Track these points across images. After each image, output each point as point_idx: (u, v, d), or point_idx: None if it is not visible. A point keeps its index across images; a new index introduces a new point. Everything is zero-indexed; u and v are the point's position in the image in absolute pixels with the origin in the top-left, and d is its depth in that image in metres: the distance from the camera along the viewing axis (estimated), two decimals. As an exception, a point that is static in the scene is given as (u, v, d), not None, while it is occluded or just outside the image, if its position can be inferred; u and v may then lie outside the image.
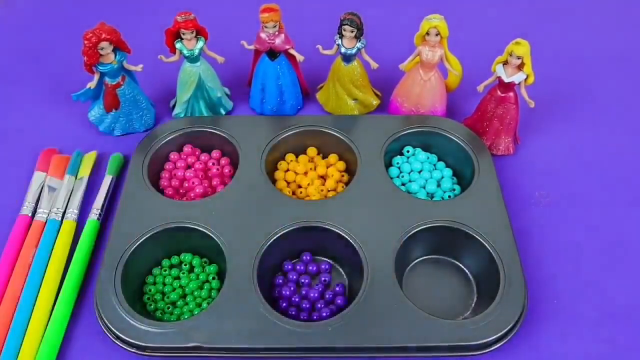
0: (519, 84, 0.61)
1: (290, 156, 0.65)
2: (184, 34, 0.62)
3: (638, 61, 0.79)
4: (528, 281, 0.54)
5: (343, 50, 0.63)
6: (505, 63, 0.60)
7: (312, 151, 0.66)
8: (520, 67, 0.60)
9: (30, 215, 0.60)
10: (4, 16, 0.87)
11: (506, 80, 0.60)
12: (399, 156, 0.65)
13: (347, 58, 0.65)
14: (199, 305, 0.54)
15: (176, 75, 0.66)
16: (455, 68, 0.64)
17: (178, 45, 0.63)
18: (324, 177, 0.64)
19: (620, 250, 0.58)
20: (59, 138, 0.68)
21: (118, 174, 0.64)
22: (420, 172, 0.63)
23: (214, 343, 0.49)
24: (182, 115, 0.68)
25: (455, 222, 0.56)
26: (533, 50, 0.59)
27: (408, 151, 0.65)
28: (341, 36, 0.62)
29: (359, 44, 0.63)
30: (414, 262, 0.57)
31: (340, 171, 0.64)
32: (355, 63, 0.65)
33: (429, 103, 0.66)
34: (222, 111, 0.70)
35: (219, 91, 0.68)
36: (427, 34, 0.61)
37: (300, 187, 0.62)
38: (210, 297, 0.55)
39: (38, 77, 0.76)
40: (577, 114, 0.72)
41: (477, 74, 0.64)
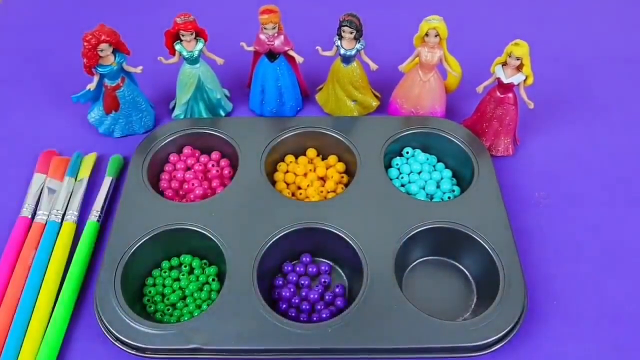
0: (518, 84, 0.61)
1: (289, 157, 0.65)
2: (183, 35, 0.62)
3: (638, 61, 0.79)
4: (528, 281, 0.54)
5: (342, 51, 0.63)
6: (504, 64, 0.60)
7: (311, 152, 0.66)
8: (519, 68, 0.60)
9: (30, 217, 0.60)
10: (4, 17, 0.87)
11: (505, 81, 0.60)
12: (398, 157, 0.65)
13: (347, 59, 0.65)
14: (199, 306, 0.54)
15: (176, 76, 0.66)
16: (454, 69, 0.64)
17: (177, 47, 0.63)
18: (323, 179, 0.64)
19: (620, 250, 0.58)
20: (59, 140, 0.68)
21: (118, 175, 0.64)
22: (419, 173, 0.63)
23: (213, 345, 0.48)
24: (182, 116, 0.68)
25: (455, 223, 0.56)
26: (532, 51, 0.59)
27: (407, 152, 0.65)
28: (340, 37, 0.62)
29: (358, 45, 0.63)
30: (414, 263, 0.57)
31: (339, 172, 0.64)
32: (354, 64, 0.65)
33: (429, 104, 0.66)
34: (222, 113, 0.70)
35: (218, 93, 0.68)
36: (427, 35, 0.61)
37: (300, 189, 0.62)
38: (210, 299, 0.55)
39: (38, 78, 0.76)
40: (576, 115, 0.72)
41: (477, 75, 0.64)
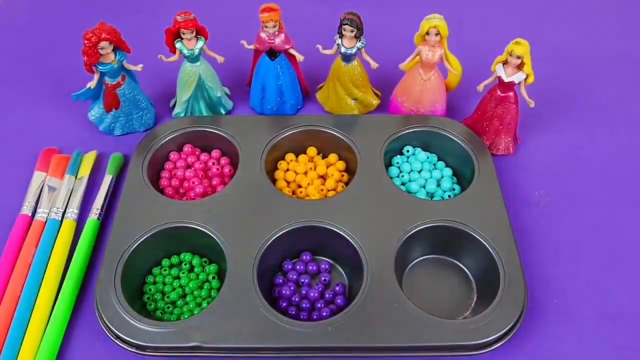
0: (519, 83, 0.61)
1: (290, 156, 0.65)
2: (184, 33, 0.62)
3: (638, 61, 0.79)
4: (528, 280, 0.54)
5: (343, 50, 0.63)
6: (505, 63, 0.60)
7: (312, 151, 0.66)
8: (520, 66, 0.60)
9: (30, 214, 0.60)
10: (4, 15, 0.87)
11: (506, 79, 0.60)
12: (398, 156, 0.65)
13: (347, 58, 0.65)
14: (199, 305, 0.54)
15: (176, 75, 0.66)
16: (455, 68, 0.64)
17: (178, 45, 0.63)
18: (323, 177, 0.64)
19: (620, 250, 0.58)
20: (59, 138, 0.68)
21: (118, 173, 0.64)
22: (420, 171, 0.63)
23: (213, 343, 0.48)
24: (182, 115, 0.68)
25: (455, 221, 0.56)
26: (533, 50, 0.59)
27: (408, 151, 0.65)
28: (341, 36, 0.62)
29: (358, 44, 0.63)
30: (414, 261, 0.57)
31: (340, 171, 0.64)
32: (355, 63, 0.65)
33: (429, 103, 0.66)
34: (222, 111, 0.70)
35: (219, 91, 0.68)
36: (427, 33, 0.61)
37: (300, 187, 0.62)
38: (210, 297, 0.55)
39: (38, 77, 0.76)
40: (577, 114, 0.72)
41: (477, 74, 0.63)
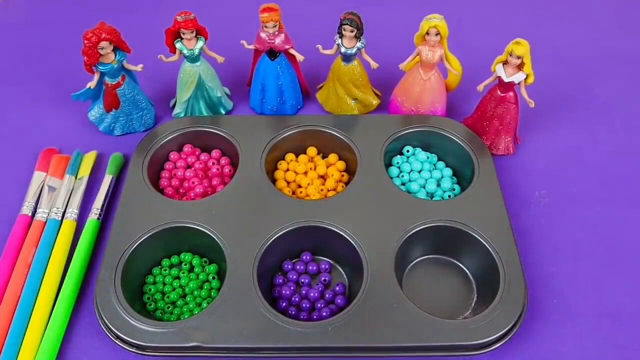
0: (519, 83, 0.61)
1: (290, 156, 0.65)
2: (184, 33, 0.62)
3: (638, 61, 0.79)
4: (528, 281, 0.54)
5: (343, 50, 0.63)
6: (505, 63, 0.60)
7: (312, 151, 0.66)
8: (520, 66, 0.60)
9: (30, 214, 0.60)
10: (3, 16, 0.87)
11: (506, 79, 0.60)
12: (398, 156, 0.65)
13: (347, 58, 0.65)
14: (199, 305, 0.54)
15: (176, 75, 0.66)
16: (455, 68, 0.64)
17: (178, 45, 0.63)
18: (324, 177, 0.64)
19: (620, 250, 0.58)
20: (59, 138, 0.68)
21: (118, 173, 0.64)
22: (420, 171, 0.63)
23: (213, 343, 0.48)
24: (182, 115, 0.68)
25: (455, 221, 0.56)
26: (533, 50, 0.59)
27: (408, 151, 0.65)
28: (341, 36, 0.62)
29: (359, 44, 0.63)
30: (414, 261, 0.57)
31: (340, 171, 0.64)
32: (355, 63, 0.65)
33: (429, 103, 0.66)
34: (222, 111, 0.70)
35: (219, 91, 0.68)
36: (427, 33, 0.61)
37: (300, 187, 0.62)
38: (210, 297, 0.55)
39: (38, 77, 0.76)
40: (577, 114, 0.72)
41: (477, 74, 0.63)
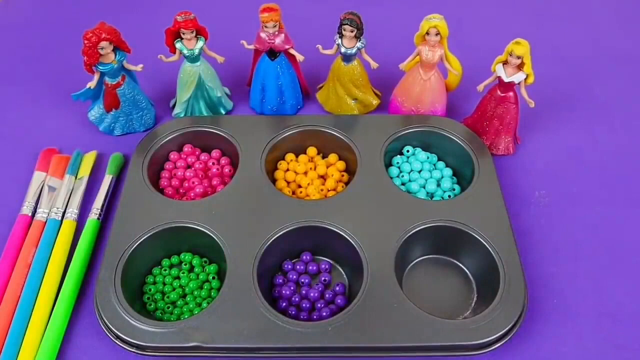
0: (519, 83, 0.61)
1: (290, 156, 0.65)
2: (184, 33, 0.62)
3: (638, 61, 0.79)
4: (528, 281, 0.54)
5: (343, 50, 0.63)
6: (505, 63, 0.60)
7: (312, 151, 0.66)
8: (520, 66, 0.60)
9: (30, 214, 0.60)
10: (3, 16, 0.87)
11: (506, 79, 0.60)
12: (399, 156, 0.65)
13: (347, 58, 0.65)
14: (199, 305, 0.54)
15: (176, 75, 0.66)
16: (455, 68, 0.64)
17: (178, 45, 0.63)
18: (324, 177, 0.64)
19: (620, 250, 0.58)
20: (59, 138, 0.68)
21: (118, 173, 0.64)
22: (420, 171, 0.63)
23: (213, 343, 0.48)
24: (182, 115, 0.68)
25: (455, 221, 0.56)
26: (533, 50, 0.58)
27: (408, 151, 0.65)
28: (341, 36, 0.62)
29: (359, 44, 0.63)
30: (414, 261, 0.57)
31: (340, 171, 0.64)
32: (355, 63, 0.65)
33: (429, 103, 0.66)
34: (222, 111, 0.70)
35: (219, 91, 0.68)
36: (427, 33, 0.61)
37: (300, 187, 0.62)
38: (210, 297, 0.55)
39: (38, 76, 0.76)
40: (577, 114, 0.72)
41: (477, 74, 0.63)
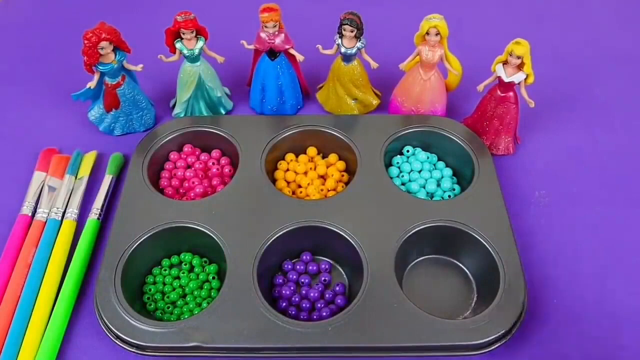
0: (519, 83, 0.61)
1: (290, 156, 0.65)
2: (184, 33, 0.62)
3: (638, 61, 0.79)
4: (528, 281, 0.54)
5: (343, 50, 0.63)
6: (505, 63, 0.60)
7: (312, 151, 0.66)
8: (520, 66, 0.60)
9: (30, 214, 0.60)
10: (3, 16, 0.87)
11: (506, 80, 0.60)
12: (399, 156, 0.65)
13: (347, 58, 0.65)
14: (199, 305, 0.54)
15: (176, 75, 0.66)
16: (455, 68, 0.64)
17: (178, 45, 0.63)
18: (324, 177, 0.64)
19: (620, 250, 0.58)
20: (59, 138, 0.68)
21: (118, 173, 0.64)
22: (420, 171, 0.63)
23: (213, 343, 0.48)
24: (182, 115, 0.68)
25: (455, 221, 0.56)
26: (533, 50, 0.58)
27: (408, 151, 0.65)
28: (341, 36, 0.62)
29: (359, 44, 0.63)
30: (414, 261, 0.57)
31: (340, 171, 0.64)
32: (355, 63, 0.65)
33: (429, 103, 0.66)
34: (222, 111, 0.70)
35: (219, 91, 0.68)
36: (427, 33, 0.61)
37: (300, 187, 0.62)
38: (210, 297, 0.55)
39: (38, 77, 0.76)
40: (577, 114, 0.72)
41: (477, 74, 0.63)
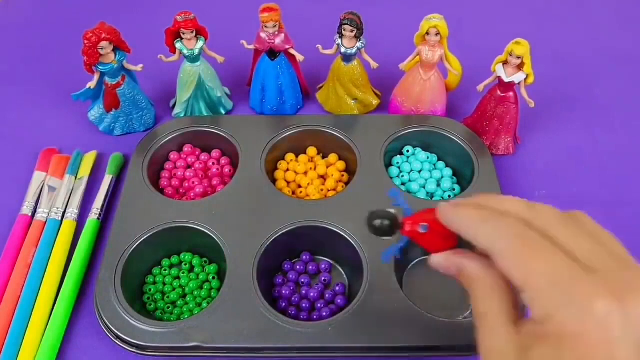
0: (519, 83, 0.61)
1: (290, 156, 0.65)
2: (184, 33, 0.62)
3: (638, 61, 0.79)
4: (528, 281, 0.54)
5: (343, 50, 0.63)
6: (505, 63, 0.60)
7: (312, 151, 0.65)
8: (520, 66, 0.60)
9: (30, 214, 0.60)
10: (3, 16, 0.87)
11: (506, 79, 0.60)
12: (399, 156, 0.65)
13: (347, 58, 0.65)
14: (199, 305, 0.54)
15: (176, 75, 0.66)
16: (455, 68, 0.64)
17: (178, 45, 0.63)
18: (324, 177, 0.64)
19: (620, 250, 0.58)
20: (59, 138, 0.68)
21: (118, 173, 0.64)
22: (420, 171, 0.63)
23: (213, 343, 0.48)
24: (182, 115, 0.68)
25: (455, 221, 0.56)
26: (533, 50, 0.58)
27: (408, 151, 0.65)
28: (341, 36, 0.62)
29: (359, 44, 0.63)
30: (414, 261, 0.57)
31: (340, 171, 0.64)
32: (355, 63, 0.65)
33: (429, 103, 0.66)
34: (222, 111, 0.70)
35: (219, 91, 0.68)
36: (427, 33, 0.61)
37: (300, 187, 0.62)
38: (210, 297, 0.55)
39: (38, 77, 0.76)
40: (577, 114, 0.72)
41: (477, 74, 0.63)
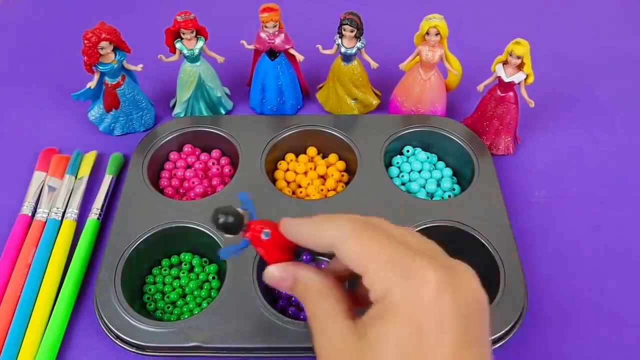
0: (519, 83, 0.61)
1: (290, 156, 0.65)
2: (184, 33, 0.62)
3: (638, 61, 0.79)
4: (528, 281, 0.54)
5: (343, 50, 0.63)
6: (505, 63, 0.60)
7: (312, 151, 0.66)
8: (520, 66, 0.60)
9: (30, 214, 0.60)
10: (3, 16, 0.87)
11: (506, 80, 0.60)
12: (399, 156, 0.65)
13: (347, 58, 0.65)
14: (199, 305, 0.54)
15: (176, 75, 0.66)
16: (455, 68, 0.64)
17: (178, 45, 0.63)
18: (324, 177, 0.64)
19: (620, 250, 0.58)
20: (59, 138, 0.68)
21: (118, 173, 0.64)
22: (420, 171, 0.63)
23: (213, 343, 0.48)
24: (182, 115, 0.68)
25: (455, 222, 0.56)
26: (533, 50, 0.59)
27: (408, 151, 0.65)
28: (341, 36, 0.62)
29: (359, 44, 0.63)
30: (414, 261, 0.57)
31: (340, 171, 0.64)
32: (355, 63, 0.65)
33: (429, 103, 0.66)
34: (222, 111, 0.70)
35: (219, 91, 0.68)
36: (427, 33, 0.61)
37: (300, 187, 0.62)
38: (210, 297, 0.55)
39: (38, 77, 0.76)
40: (577, 114, 0.72)
41: (477, 74, 0.63)
